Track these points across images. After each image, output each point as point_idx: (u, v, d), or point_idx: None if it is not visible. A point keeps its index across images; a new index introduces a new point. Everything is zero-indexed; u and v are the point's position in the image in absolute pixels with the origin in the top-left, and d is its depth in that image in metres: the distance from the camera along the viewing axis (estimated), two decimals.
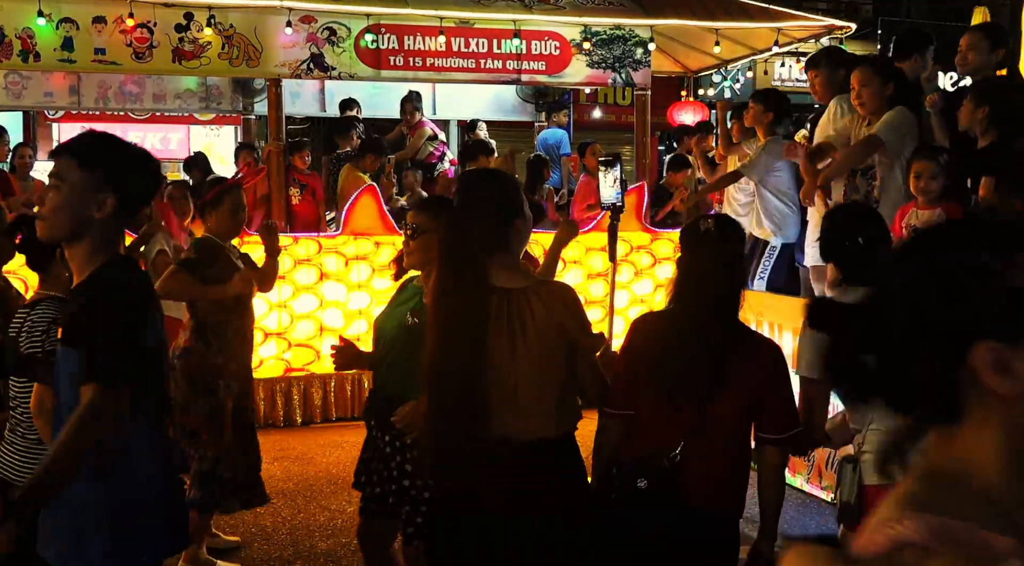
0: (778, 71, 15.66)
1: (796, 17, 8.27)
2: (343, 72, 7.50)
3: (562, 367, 2.66)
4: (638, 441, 2.80)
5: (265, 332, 6.88)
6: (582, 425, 2.80)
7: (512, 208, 2.70)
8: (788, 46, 8.67)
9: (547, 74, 7.94)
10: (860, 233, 2.97)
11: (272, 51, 7.33)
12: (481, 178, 2.97)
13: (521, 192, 2.81)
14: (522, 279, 2.69)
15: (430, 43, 7.56)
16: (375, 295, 7.18)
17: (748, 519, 5.50)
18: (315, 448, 6.53)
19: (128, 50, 7.06)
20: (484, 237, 2.64)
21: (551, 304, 2.62)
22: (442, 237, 2.77)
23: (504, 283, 2.64)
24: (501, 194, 2.72)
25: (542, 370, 2.63)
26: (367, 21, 7.40)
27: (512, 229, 2.69)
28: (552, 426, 2.67)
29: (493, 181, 2.81)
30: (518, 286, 2.64)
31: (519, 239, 2.74)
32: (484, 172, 3.33)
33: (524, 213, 2.74)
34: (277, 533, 4.99)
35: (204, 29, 7.13)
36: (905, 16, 17.33)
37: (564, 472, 2.71)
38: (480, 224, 2.65)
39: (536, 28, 7.76)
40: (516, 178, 2.98)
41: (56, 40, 6.93)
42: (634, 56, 7.97)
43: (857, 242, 2.96)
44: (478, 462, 2.62)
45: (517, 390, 2.61)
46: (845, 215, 3.21)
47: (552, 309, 2.62)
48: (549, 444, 2.66)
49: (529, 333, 2.61)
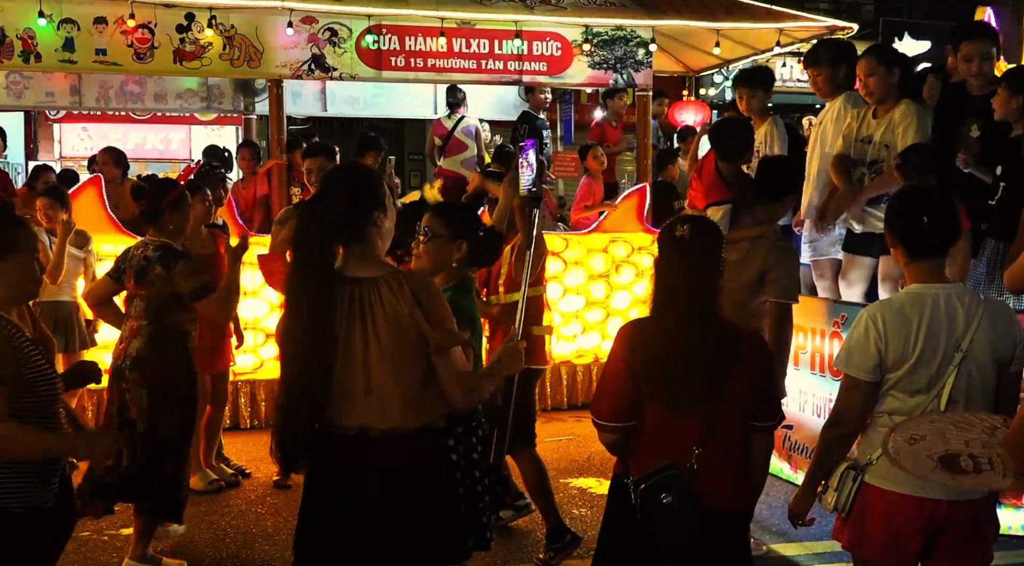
0: (779, 71, 15.65)
1: (798, 18, 8.25)
2: (344, 73, 7.50)
3: (418, 358, 2.67)
4: (646, 452, 2.81)
5: (265, 333, 6.88)
6: (583, 428, 2.81)
7: (371, 200, 2.72)
8: (789, 46, 8.67)
9: (548, 75, 7.94)
10: (927, 212, 2.91)
11: (273, 52, 7.32)
12: (343, 170, 3.01)
13: (385, 188, 2.81)
14: (376, 269, 2.70)
15: (431, 44, 7.55)
16: None
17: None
18: None
19: (129, 51, 7.06)
20: (337, 226, 2.67)
21: (401, 294, 2.63)
22: (296, 225, 2.79)
23: (356, 273, 2.67)
24: (360, 185, 2.74)
25: (393, 360, 2.64)
26: (368, 22, 7.40)
27: (368, 220, 2.71)
28: (410, 417, 2.68)
29: (355, 173, 2.86)
30: (370, 275, 2.66)
31: (379, 231, 2.74)
32: (348, 166, 3.35)
33: (384, 206, 2.75)
34: (278, 533, 4.99)
35: (205, 30, 7.13)
36: (907, 16, 17.31)
37: (419, 464, 2.72)
38: (334, 213, 2.67)
39: (537, 29, 7.75)
40: (379, 174, 2.98)
41: (57, 41, 6.93)
42: (635, 57, 7.97)
43: (923, 220, 2.90)
44: (328, 450, 2.68)
45: (370, 380, 2.64)
46: (914, 195, 3.14)
47: (401, 299, 2.63)
48: (405, 435, 2.68)
49: (379, 323, 2.63)
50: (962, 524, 2.86)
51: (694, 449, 2.75)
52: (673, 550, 2.76)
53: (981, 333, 2.82)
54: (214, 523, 5.12)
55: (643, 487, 2.74)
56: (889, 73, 5.05)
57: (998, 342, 2.84)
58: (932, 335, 2.82)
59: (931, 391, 2.83)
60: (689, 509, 2.71)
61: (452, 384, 2.71)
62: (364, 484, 2.68)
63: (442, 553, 2.81)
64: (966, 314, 2.83)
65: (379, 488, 2.68)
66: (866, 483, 2.91)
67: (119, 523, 4.96)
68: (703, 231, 2.85)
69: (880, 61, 5.11)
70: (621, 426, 2.86)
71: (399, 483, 2.68)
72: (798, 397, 5.61)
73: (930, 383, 2.83)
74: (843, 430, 2.97)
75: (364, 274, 2.67)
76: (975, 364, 2.83)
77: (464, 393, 2.76)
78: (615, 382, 2.86)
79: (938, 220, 2.88)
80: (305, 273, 2.66)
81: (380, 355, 2.63)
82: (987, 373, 2.85)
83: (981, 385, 2.85)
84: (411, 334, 2.63)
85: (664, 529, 2.73)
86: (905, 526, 2.86)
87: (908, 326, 2.83)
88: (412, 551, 2.71)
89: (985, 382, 2.85)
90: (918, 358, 2.82)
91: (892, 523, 2.87)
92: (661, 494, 2.70)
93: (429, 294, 2.67)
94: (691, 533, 2.72)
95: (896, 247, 2.97)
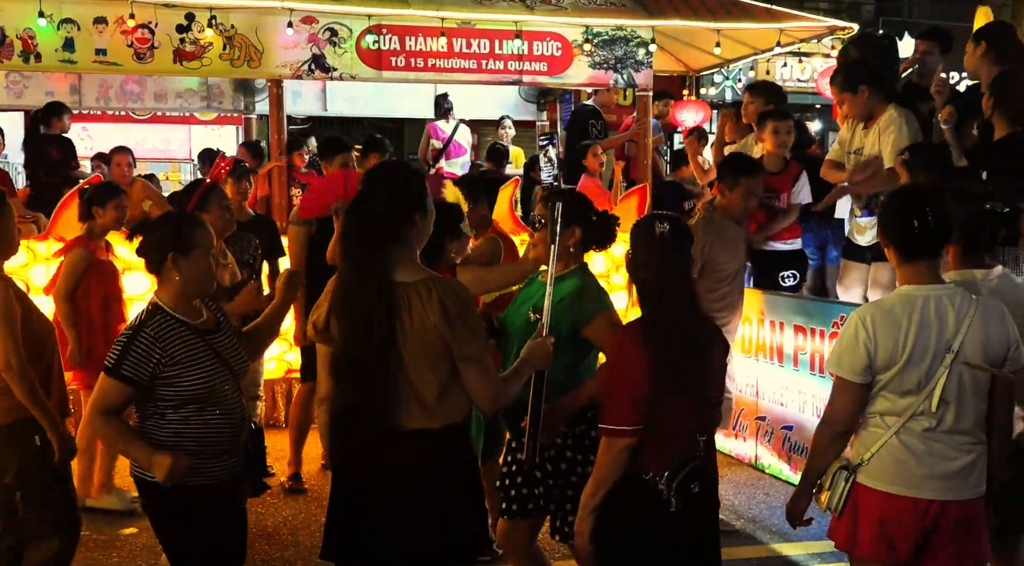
0: (779, 70, 15.63)
1: (798, 18, 8.26)
2: (344, 73, 7.50)
3: (443, 364, 2.68)
4: (665, 447, 2.85)
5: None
6: None
7: (412, 201, 2.73)
8: (790, 46, 8.67)
9: (549, 75, 7.94)
10: (920, 214, 2.91)
11: (273, 52, 7.32)
12: (385, 170, 3.00)
13: (426, 188, 2.81)
14: (410, 274, 2.70)
15: (431, 44, 7.55)
16: None
17: (739, 514, 5.52)
18: (315, 448, 6.51)
19: (129, 51, 7.06)
20: (381, 227, 2.67)
21: (428, 302, 2.64)
22: (342, 227, 2.80)
23: (392, 276, 2.68)
24: (402, 186, 2.75)
25: (417, 364, 2.66)
26: (368, 22, 7.39)
27: (409, 222, 2.72)
28: (432, 418, 2.70)
29: (397, 173, 2.84)
30: (404, 280, 2.67)
31: (416, 233, 2.76)
32: (391, 164, 3.36)
33: (426, 207, 2.76)
34: (279, 533, 4.99)
35: (205, 30, 7.13)
36: (907, 16, 17.31)
37: (441, 463, 2.75)
38: (378, 214, 2.68)
39: (538, 29, 7.75)
40: (421, 174, 2.99)
41: (57, 41, 6.93)
42: (636, 57, 7.97)
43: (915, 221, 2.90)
44: (371, 450, 2.71)
45: (399, 381, 2.66)
46: (908, 195, 3.13)
47: (428, 307, 2.64)
48: (429, 435, 2.71)
49: (406, 327, 2.64)
50: (955, 524, 2.86)
51: (699, 438, 2.87)
52: (703, 539, 2.92)
53: (973, 334, 2.82)
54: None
55: (676, 480, 2.80)
56: (856, 95, 5.10)
57: (990, 343, 2.84)
58: (922, 336, 2.82)
59: (921, 392, 2.83)
60: (713, 496, 2.92)
61: (477, 391, 2.74)
62: (379, 483, 2.71)
63: (451, 556, 2.80)
64: (957, 315, 2.83)
65: (392, 488, 2.70)
66: (858, 483, 2.92)
67: (120, 523, 4.96)
68: (681, 228, 2.96)
69: (843, 89, 5.22)
70: (640, 429, 2.86)
71: (413, 483, 2.70)
72: (798, 398, 5.61)
73: (920, 384, 2.83)
74: (835, 431, 2.98)
75: (399, 278, 2.68)
76: (967, 365, 2.82)
77: (490, 399, 2.79)
78: (634, 384, 2.84)
79: (931, 221, 2.87)
80: (362, 279, 2.66)
81: (408, 359, 2.65)
82: (979, 374, 2.84)
83: (973, 386, 2.84)
84: (436, 342, 2.65)
85: (696, 517, 2.86)
86: (897, 526, 2.86)
87: (898, 327, 2.83)
88: (420, 553, 2.72)
89: (977, 383, 2.84)
90: (908, 359, 2.82)
91: (884, 523, 2.88)
92: (691, 484, 2.80)
93: (457, 302, 2.67)
94: (711, 519, 2.93)
95: (889, 247, 2.97)
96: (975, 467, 2.88)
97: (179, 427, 3.01)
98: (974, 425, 2.87)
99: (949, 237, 2.96)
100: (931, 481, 2.85)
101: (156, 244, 3.09)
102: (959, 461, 2.86)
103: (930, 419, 2.84)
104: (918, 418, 2.85)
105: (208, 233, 3.18)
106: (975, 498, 2.89)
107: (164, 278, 3.09)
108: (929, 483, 2.84)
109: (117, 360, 2.95)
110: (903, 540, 2.87)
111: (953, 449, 2.86)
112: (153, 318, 3.02)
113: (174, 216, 3.58)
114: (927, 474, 2.85)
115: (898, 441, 2.87)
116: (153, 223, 3.24)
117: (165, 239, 3.08)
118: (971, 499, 2.88)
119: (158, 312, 3.05)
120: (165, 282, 3.09)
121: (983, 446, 2.90)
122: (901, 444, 2.87)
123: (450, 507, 2.77)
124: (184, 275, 3.06)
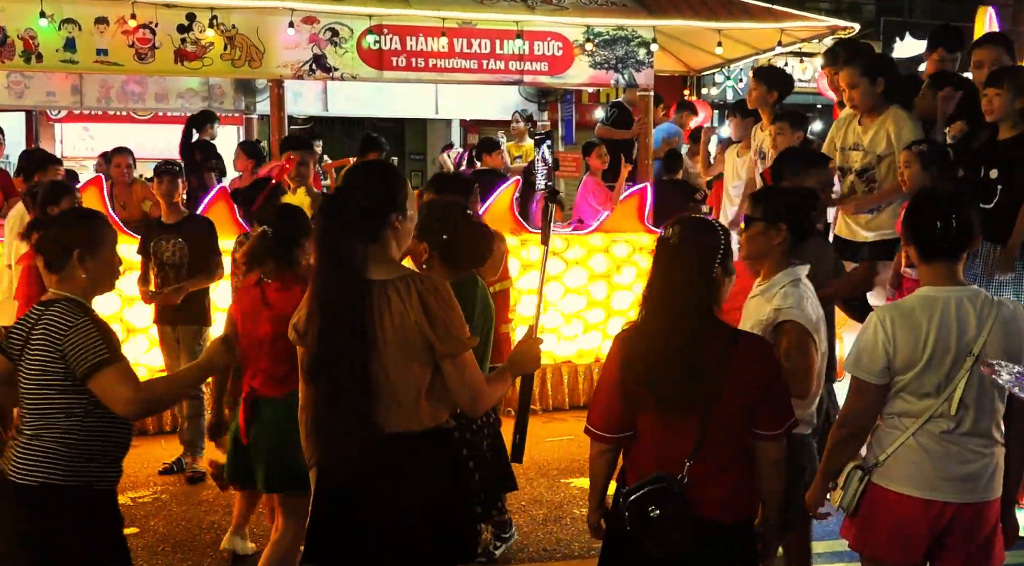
0: None
1: (799, 18, 8.27)
2: (345, 73, 7.50)
3: (425, 364, 2.65)
4: (643, 463, 2.79)
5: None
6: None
7: (390, 202, 2.69)
8: (791, 46, 8.68)
9: (549, 75, 7.94)
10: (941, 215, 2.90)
11: (274, 52, 7.33)
12: (365, 169, 2.97)
13: (406, 189, 2.77)
14: (388, 272, 2.66)
15: (432, 44, 7.55)
16: None
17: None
18: None
19: (130, 51, 7.06)
20: (356, 225, 2.63)
21: (408, 299, 2.61)
22: (317, 225, 2.76)
23: (368, 274, 2.64)
24: (381, 186, 2.71)
25: (397, 364, 2.62)
26: (369, 22, 7.39)
27: (384, 222, 2.68)
28: (414, 420, 2.67)
29: (375, 173, 2.81)
30: (380, 278, 2.64)
31: (395, 233, 2.72)
32: (370, 164, 3.30)
33: (404, 208, 2.72)
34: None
35: (206, 30, 7.14)
36: (907, 16, 17.30)
37: (425, 466, 2.71)
38: (352, 212, 2.64)
39: (538, 29, 7.75)
40: (400, 174, 2.95)
41: (58, 41, 6.93)
42: (637, 57, 7.97)
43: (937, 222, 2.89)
44: (356, 452, 2.65)
45: (379, 382, 2.62)
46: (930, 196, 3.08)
47: (408, 305, 2.60)
48: (412, 437, 2.67)
49: (385, 326, 2.61)
50: (970, 526, 2.85)
51: (685, 461, 2.70)
52: (665, 559, 2.73)
53: (994, 337, 2.80)
54: (214, 523, 5.11)
55: (631, 499, 2.71)
56: (873, 84, 5.04)
57: (1010, 345, 2.81)
58: (942, 338, 2.80)
59: (940, 394, 2.82)
60: (679, 521, 2.67)
61: (460, 390, 2.69)
62: (365, 485, 2.68)
63: (447, 557, 2.78)
64: (978, 318, 2.81)
65: (380, 489, 2.67)
66: (873, 483, 2.91)
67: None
68: (696, 231, 2.79)
69: (863, 73, 5.06)
70: (613, 437, 2.83)
71: (398, 485, 2.67)
72: None
73: (939, 387, 2.81)
74: (851, 431, 2.95)
75: (375, 276, 2.65)
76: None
77: (472, 399, 2.72)
78: (609, 391, 2.83)
79: (952, 223, 2.85)
80: (337, 275, 2.63)
81: (387, 359, 2.62)
82: None
83: (992, 389, 2.83)
84: (417, 340, 2.61)
85: (653, 540, 2.70)
86: (912, 527, 2.85)
87: (917, 329, 2.81)
88: (414, 554, 2.70)
89: (997, 386, 2.83)
90: (927, 361, 2.80)
91: (899, 524, 2.87)
92: (649, 507, 2.68)
93: (438, 299, 2.63)
94: (681, 544, 2.68)
95: (909, 246, 2.96)
96: (991, 470, 2.87)
97: (101, 429, 2.98)
98: (991, 427, 2.86)
99: (971, 240, 2.93)
100: (947, 483, 2.83)
101: (62, 240, 3.00)
102: (975, 464, 2.84)
103: (948, 421, 2.82)
104: (936, 420, 2.83)
105: (113, 232, 3.12)
106: (990, 501, 2.88)
107: (66, 275, 2.99)
108: (944, 485, 2.83)
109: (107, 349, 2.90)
110: (917, 542, 2.86)
111: (970, 452, 2.84)
112: (77, 310, 2.94)
113: (79, 212, 3.51)
114: (943, 476, 2.83)
115: (915, 443, 2.85)
116: (54, 219, 3.20)
117: (72, 235, 3.00)
118: (986, 502, 2.87)
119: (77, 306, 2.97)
120: (67, 279, 3.00)
121: (1000, 448, 2.89)
122: (918, 446, 2.85)
123: (445, 508, 2.75)
124: (91, 273, 3.00)
